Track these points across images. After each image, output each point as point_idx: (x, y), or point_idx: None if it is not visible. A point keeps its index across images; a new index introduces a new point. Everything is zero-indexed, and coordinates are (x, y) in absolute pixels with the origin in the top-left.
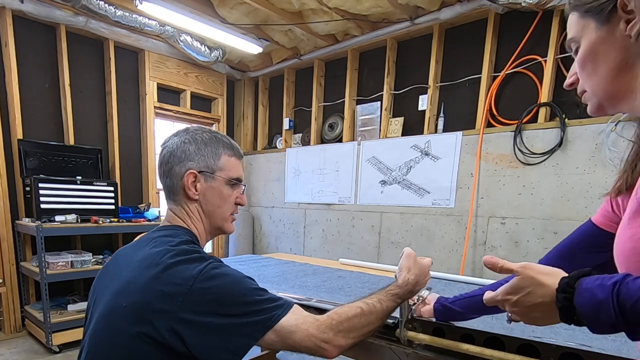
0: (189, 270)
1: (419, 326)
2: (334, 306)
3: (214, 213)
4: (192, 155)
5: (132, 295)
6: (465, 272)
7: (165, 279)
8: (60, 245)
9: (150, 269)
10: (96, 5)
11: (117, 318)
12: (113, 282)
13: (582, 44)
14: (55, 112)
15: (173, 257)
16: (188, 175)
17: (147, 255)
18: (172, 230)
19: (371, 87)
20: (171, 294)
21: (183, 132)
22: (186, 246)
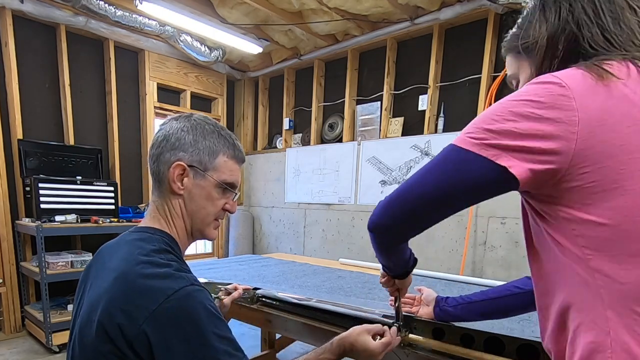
0: (157, 290)
1: (419, 327)
2: (333, 306)
3: (197, 213)
4: (187, 145)
5: (100, 309)
6: (465, 272)
7: (130, 296)
8: (60, 245)
9: (118, 282)
10: (96, 5)
11: (89, 332)
12: (91, 289)
13: (520, 79)
14: (55, 112)
15: (141, 271)
16: (176, 166)
17: (117, 266)
18: (148, 233)
19: (371, 87)
20: (132, 313)
21: (185, 118)
22: (158, 258)
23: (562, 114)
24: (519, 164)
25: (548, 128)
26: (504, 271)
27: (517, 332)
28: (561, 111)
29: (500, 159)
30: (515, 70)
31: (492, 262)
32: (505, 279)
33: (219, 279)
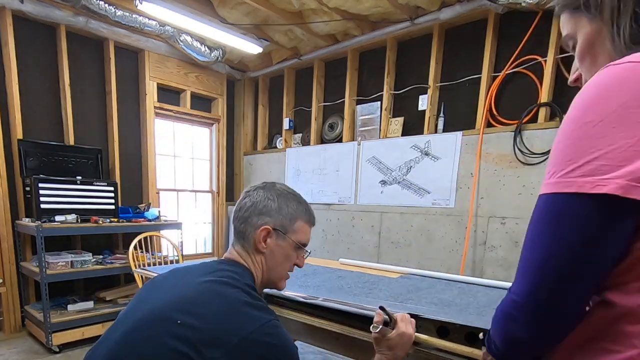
0: (254, 318)
1: (424, 325)
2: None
3: (274, 269)
4: (272, 212)
5: (191, 317)
6: (465, 272)
7: (234, 314)
8: (60, 245)
9: (224, 299)
10: (96, 5)
11: (164, 327)
12: (167, 294)
13: (578, 38)
14: (55, 112)
15: (245, 296)
16: (263, 229)
17: (218, 283)
18: (240, 268)
19: (371, 87)
20: (234, 329)
21: (270, 186)
22: (253, 292)
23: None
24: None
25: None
26: (504, 271)
27: None
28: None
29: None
30: (572, 30)
31: (492, 262)
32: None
33: None
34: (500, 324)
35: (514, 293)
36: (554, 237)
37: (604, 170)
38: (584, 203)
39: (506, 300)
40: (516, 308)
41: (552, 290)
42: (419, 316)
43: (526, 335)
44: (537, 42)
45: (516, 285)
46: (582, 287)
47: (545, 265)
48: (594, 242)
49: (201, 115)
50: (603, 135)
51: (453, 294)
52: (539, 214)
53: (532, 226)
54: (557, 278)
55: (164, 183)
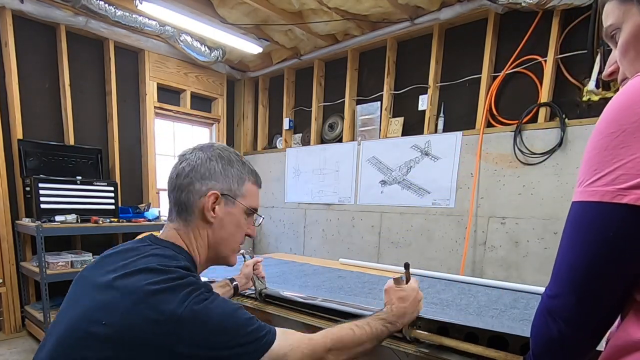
0: (178, 298)
1: (424, 324)
2: (338, 304)
3: (225, 241)
4: (217, 174)
5: (104, 327)
6: (465, 272)
7: (153, 305)
8: (60, 245)
9: (127, 297)
10: (96, 5)
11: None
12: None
13: (623, 29)
14: (55, 112)
15: (165, 281)
16: (210, 195)
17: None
18: (172, 250)
19: (371, 87)
20: (157, 322)
21: (208, 147)
22: (182, 271)
23: None
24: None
25: None
26: (504, 271)
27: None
28: None
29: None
30: (618, 19)
31: (492, 262)
32: (505, 279)
33: (220, 278)
34: (539, 326)
35: (549, 294)
36: (582, 243)
37: (623, 179)
38: (606, 212)
39: (542, 302)
40: (552, 307)
41: (583, 291)
42: (419, 316)
43: (563, 332)
44: (537, 42)
45: (550, 287)
46: (610, 288)
47: (575, 269)
48: (618, 248)
49: (201, 115)
50: (624, 145)
51: (453, 294)
52: (570, 221)
53: (565, 231)
54: (586, 280)
55: (164, 183)
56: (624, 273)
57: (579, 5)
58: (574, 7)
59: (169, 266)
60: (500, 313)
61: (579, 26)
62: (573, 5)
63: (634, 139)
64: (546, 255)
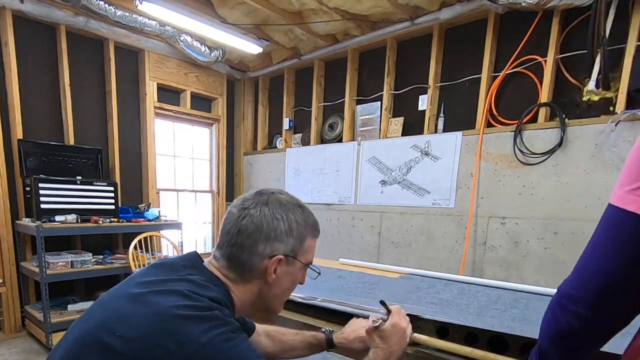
0: (199, 331)
1: (423, 326)
2: (338, 304)
3: (279, 297)
4: (282, 235)
5: (117, 340)
6: (465, 272)
7: (172, 332)
8: (60, 245)
9: (147, 316)
10: (96, 5)
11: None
12: (109, 306)
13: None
14: (55, 112)
15: (183, 308)
16: (275, 259)
17: (152, 296)
18: (210, 282)
19: (371, 87)
20: (170, 350)
21: (273, 200)
22: (210, 302)
23: None
24: None
25: None
26: (504, 271)
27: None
28: None
29: None
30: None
31: (492, 262)
32: (505, 279)
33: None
34: (549, 318)
35: (566, 288)
36: (614, 249)
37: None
38: (629, 220)
39: (557, 294)
40: (566, 301)
41: (602, 294)
42: (419, 316)
43: (572, 327)
44: (537, 42)
45: (570, 281)
46: (631, 298)
47: (601, 273)
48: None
49: (201, 115)
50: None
51: (453, 294)
52: (604, 223)
53: (597, 232)
54: (609, 285)
55: (164, 183)
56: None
57: (579, 5)
58: (574, 7)
59: (197, 293)
60: (500, 313)
61: (579, 26)
62: (573, 5)
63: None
64: (546, 255)
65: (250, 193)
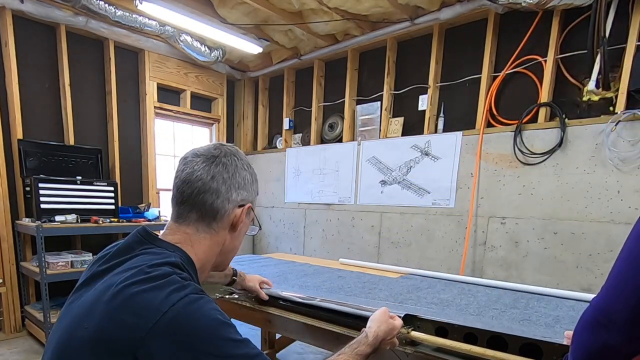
0: (159, 300)
1: (422, 325)
2: (337, 305)
3: (234, 249)
4: (248, 185)
5: (93, 319)
6: (465, 272)
7: (130, 307)
8: (60, 245)
9: (117, 295)
10: (96, 5)
11: (77, 343)
12: (74, 311)
13: None
14: (55, 112)
15: (143, 282)
16: (248, 207)
17: (118, 276)
18: (166, 248)
19: (371, 87)
20: (133, 326)
21: (238, 153)
22: (167, 268)
23: None
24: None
25: None
26: (504, 271)
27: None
28: None
29: None
30: None
31: (492, 262)
32: (505, 279)
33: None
34: (584, 336)
35: (604, 300)
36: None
37: None
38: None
39: (590, 311)
40: (605, 315)
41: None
42: (418, 317)
43: (612, 341)
44: (537, 42)
45: (606, 295)
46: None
47: (637, 281)
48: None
49: (201, 115)
50: None
51: (453, 294)
52: (636, 232)
53: (631, 242)
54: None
55: (164, 183)
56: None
57: (579, 5)
58: (574, 7)
59: (154, 264)
60: (500, 313)
61: (579, 26)
62: (573, 5)
63: None
64: (546, 255)
65: (211, 144)
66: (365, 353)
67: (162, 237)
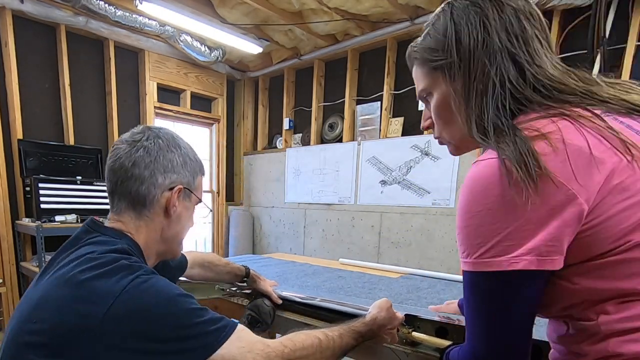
0: (110, 285)
1: (422, 325)
2: (337, 305)
3: (178, 235)
4: (179, 167)
5: (38, 324)
6: None
7: (81, 295)
8: (60, 245)
9: (66, 285)
10: (96, 5)
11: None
12: (23, 303)
13: (434, 95)
14: (55, 112)
15: (92, 269)
16: (177, 190)
17: (62, 271)
18: (111, 237)
19: (371, 87)
20: (87, 314)
21: (168, 135)
22: (115, 254)
23: None
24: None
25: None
26: None
27: None
28: None
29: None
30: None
31: None
32: None
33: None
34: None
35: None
36: (489, 308)
37: (510, 249)
38: (503, 278)
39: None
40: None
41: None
42: (418, 317)
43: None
44: None
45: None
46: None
47: (491, 329)
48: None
49: (201, 115)
50: (496, 221)
51: (453, 294)
52: (469, 290)
53: (467, 299)
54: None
55: None
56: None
57: (579, 5)
58: (574, 7)
59: (101, 252)
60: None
61: (579, 26)
62: (573, 5)
63: (500, 214)
64: None
65: (137, 128)
66: (359, 330)
67: (108, 224)
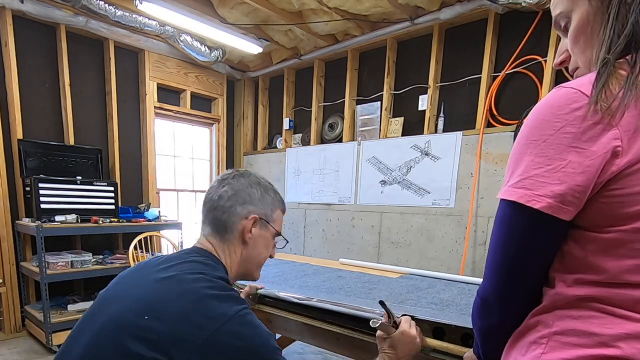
0: (224, 308)
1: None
2: (334, 305)
3: (255, 259)
4: (256, 200)
5: (153, 320)
6: (465, 272)
7: (198, 309)
8: (60, 245)
9: (186, 295)
10: (96, 5)
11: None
12: (127, 297)
13: (573, 17)
14: (55, 112)
15: (210, 288)
16: (251, 218)
17: (180, 279)
18: (212, 260)
19: (371, 87)
20: (200, 325)
21: (247, 174)
22: (223, 282)
23: None
24: None
25: None
26: None
27: None
28: None
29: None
30: (567, 7)
31: None
32: None
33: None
34: (476, 318)
35: (482, 290)
36: (503, 240)
37: (539, 186)
38: (520, 212)
39: (477, 298)
40: (484, 302)
41: (506, 284)
42: (414, 317)
43: (495, 321)
44: (537, 42)
45: (482, 284)
46: (528, 281)
47: (500, 264)
48: (530, 245)
49: (201, 115)
50: (543, 155)
51: (453, 294)
52: (496, 218)
53: (493, 228)
54: (508, 274)
55: (164, 183)
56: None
57: None
58: None
59: (213, 276)
60: None
61: None
62: None
63: (551, 150)
64: None
65: (229, 170)
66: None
67: (198, 245)
